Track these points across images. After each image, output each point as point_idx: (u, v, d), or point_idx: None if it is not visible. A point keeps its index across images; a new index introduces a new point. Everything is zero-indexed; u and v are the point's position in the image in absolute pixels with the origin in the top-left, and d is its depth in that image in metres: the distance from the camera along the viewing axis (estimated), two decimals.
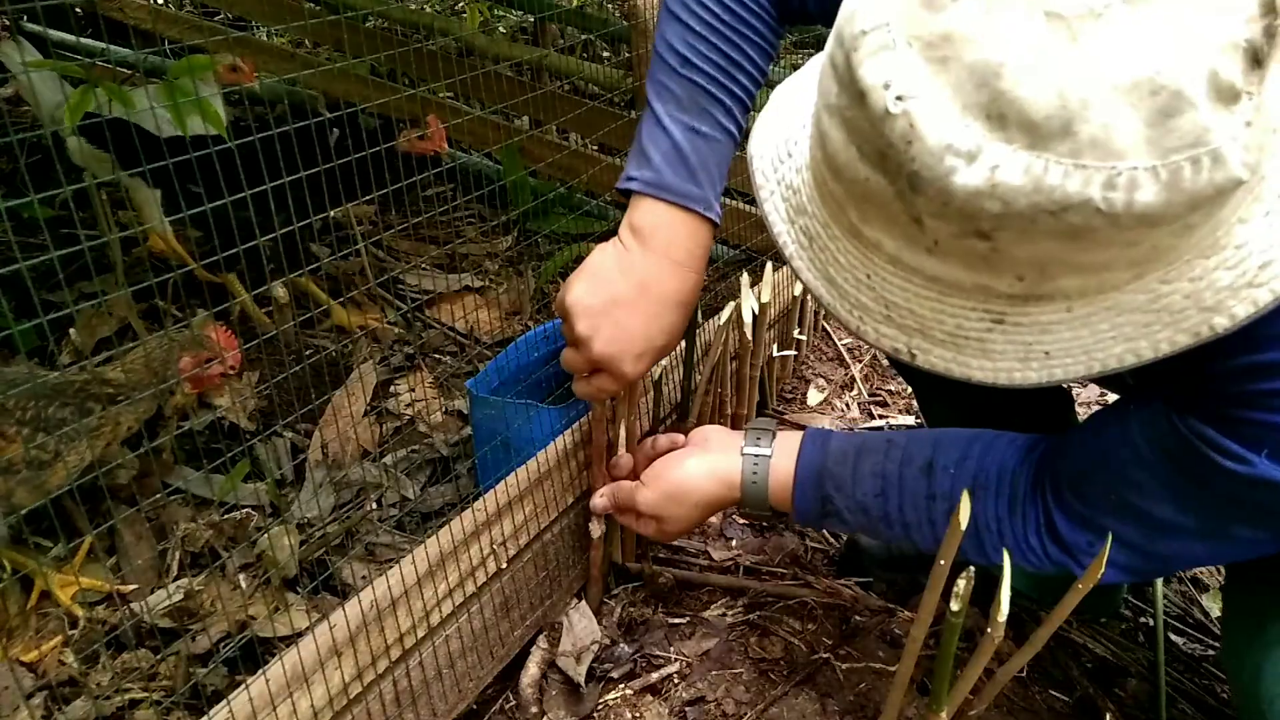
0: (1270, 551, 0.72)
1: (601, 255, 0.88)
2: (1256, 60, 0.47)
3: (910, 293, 0.58)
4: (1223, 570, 1.47)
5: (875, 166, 0.53)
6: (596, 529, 1.09)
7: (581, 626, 1.10)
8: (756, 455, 0.92)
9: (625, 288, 0.86)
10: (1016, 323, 0.55)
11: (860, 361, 1.84)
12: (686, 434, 1.01)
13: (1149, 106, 0.46)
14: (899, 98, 0.50)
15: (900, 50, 0.50)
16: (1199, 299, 0.53)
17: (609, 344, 0.86)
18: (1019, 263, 0.52)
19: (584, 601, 1.14)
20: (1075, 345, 0.55)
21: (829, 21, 0.64)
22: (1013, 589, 0.70)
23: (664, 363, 1.17)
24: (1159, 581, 1.31)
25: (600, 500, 1.04)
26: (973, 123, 0.49)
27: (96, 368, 1.19)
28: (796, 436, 0.93)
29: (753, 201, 2.26)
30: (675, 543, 1.27)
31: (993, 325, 0.56)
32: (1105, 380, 0.98)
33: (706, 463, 0.94)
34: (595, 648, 1.08)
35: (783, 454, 0.92)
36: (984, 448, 0.86)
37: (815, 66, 0.67)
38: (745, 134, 0.87)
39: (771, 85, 0.79)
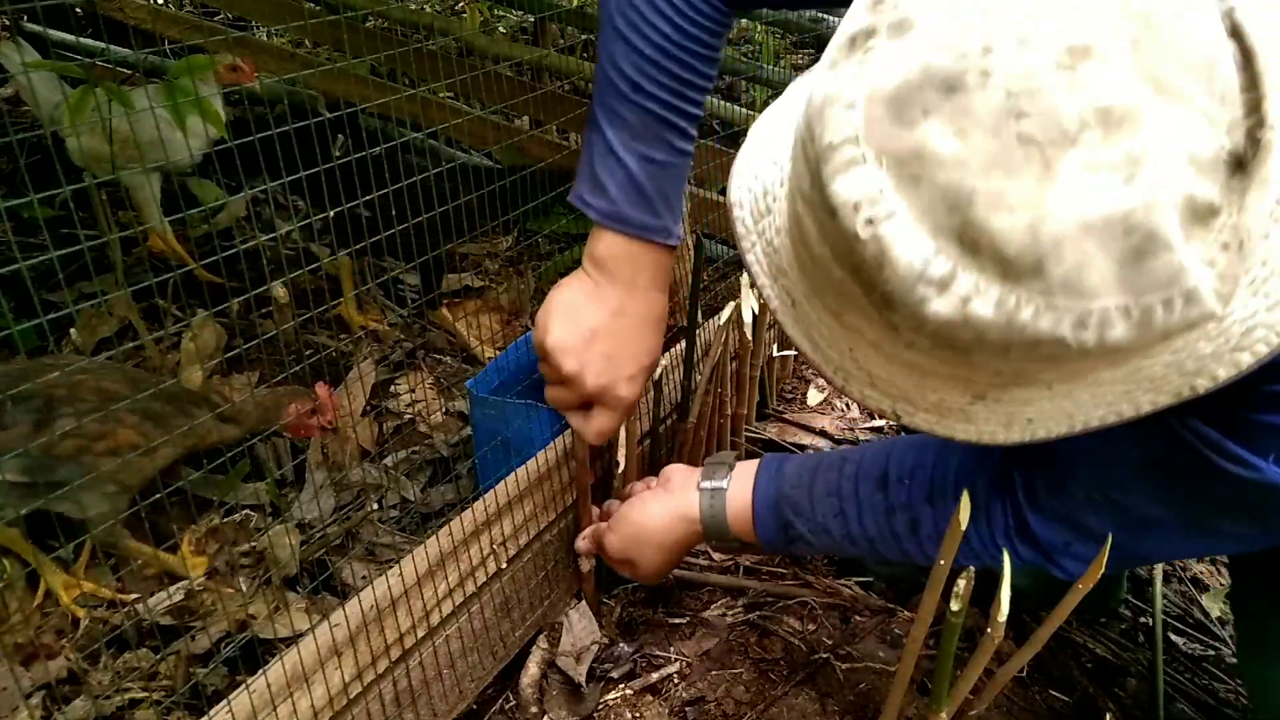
0: (1256, 547, 0.72)
1: (568, 291, 0.89)
2: (1240, 165, 0.45)
3: (893, 370, 0.57)
4: (1224, 572, 1.47)
5: (850, 274, 0.52)
6: (586, 565, 1.11)
7: (581, 627, 1.10)
8: (712, 489, 0.94)
9: (601, 317, 0.87)
10: (997, 399, 0.55)
11: None
12: (687, 431, 1.02)
13: (1122, 247, 0.44)
14: (869, 220, 0.48)
15: (870, 167, 0.48)
16: (1180, 367, 0.52)
17: (601, 374, 0.87)
18: (997, 370, 0.52)
19: (584, 601, 1.14)
20: (1058, 412, 0.55)
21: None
22: (1013, 589, 0.70)
23: (664, 362, 1.17)
24: (1159, 582, 1.31)
25: (583, 544, 1.07)
26: (945, 248, 0.47)
27: (217, 386, 1.29)
28: (753, 466, 0.95)
29: None
30: None
31: (974, 400, 0.56)
32: None
33: (667, 503, 0.97)
34: (595, 648, 1.08)
35: (739, 485, 0.94)
36: (937, 455, 0.86)
37: (795, 96, 0.64)
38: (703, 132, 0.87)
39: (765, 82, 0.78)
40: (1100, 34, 0.44)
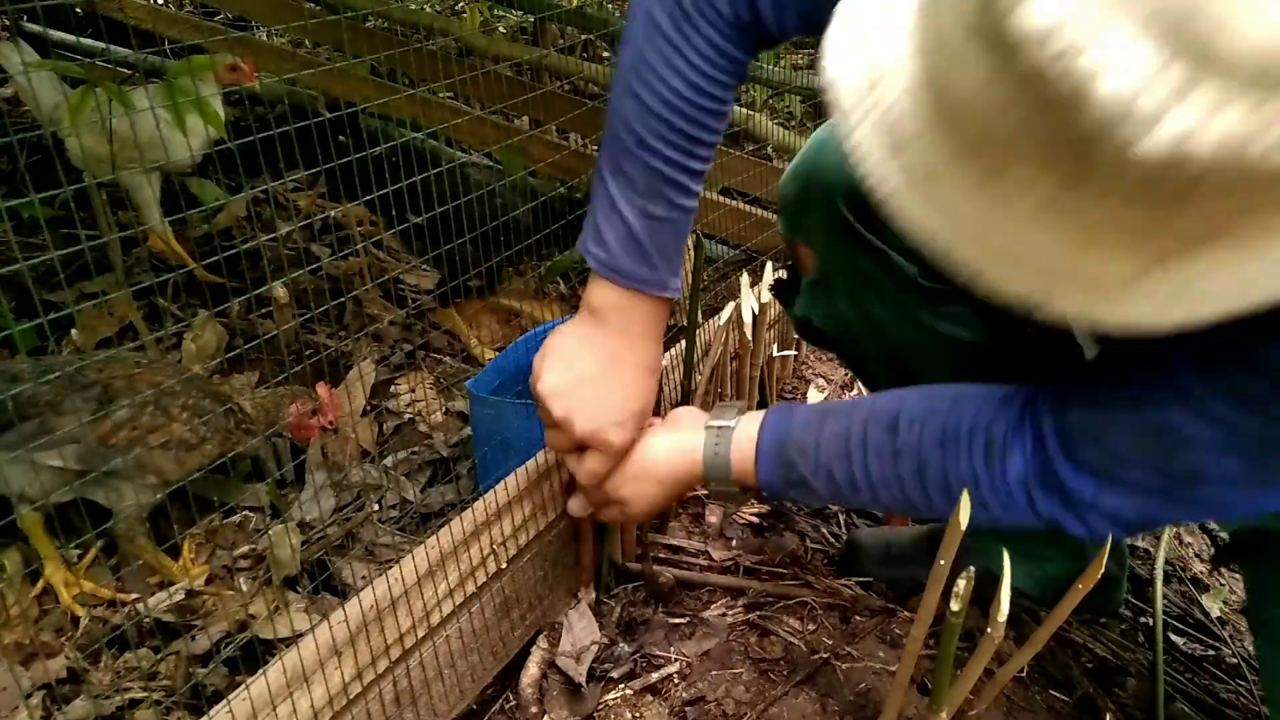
0: None
1: (564, 337, 0.91)
2: None
3: (1057, 235, 0.48)
4: (1224, 572, 1.47)
5: (1037, 113, 0.44)
6: (577, 507, 1.09)
7: (581, 627, 1.10)
8: (720, 427, 0.90)
9: (591, 364, 0.88)
10: (1180, 263, 0.47)
11: None
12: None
13: None
14: (1068, 49, 0.40)
15: None
16: None
17: (589, 420, 0.88)
18: (1208, 215, 0.44)
19: (583, 602, 1.14)
20: (1239, 280, 0.47)
21: (815, 32, 0.56)
22: (1014, 588, 0.70)
23: (664, 363, 1.17)
24: (1159, 582, 1.31)
25: (575, 504, 1.04)
26: (1166, 70, 0.39)
27: (237, 401, 1.29)
28: (763, 411, 0.91)
29: (753, 201, 2.27)
30: (675, 542, 1.27)
31: (1148, 268, 0.47)
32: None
33: (671, 439, 0.93)
34: (595, 648, 1.08)
35: (747, 426, 0.90)
36: (953, 401, 0.81)
37: None
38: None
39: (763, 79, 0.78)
40: None
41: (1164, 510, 0.72)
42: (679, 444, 0.92)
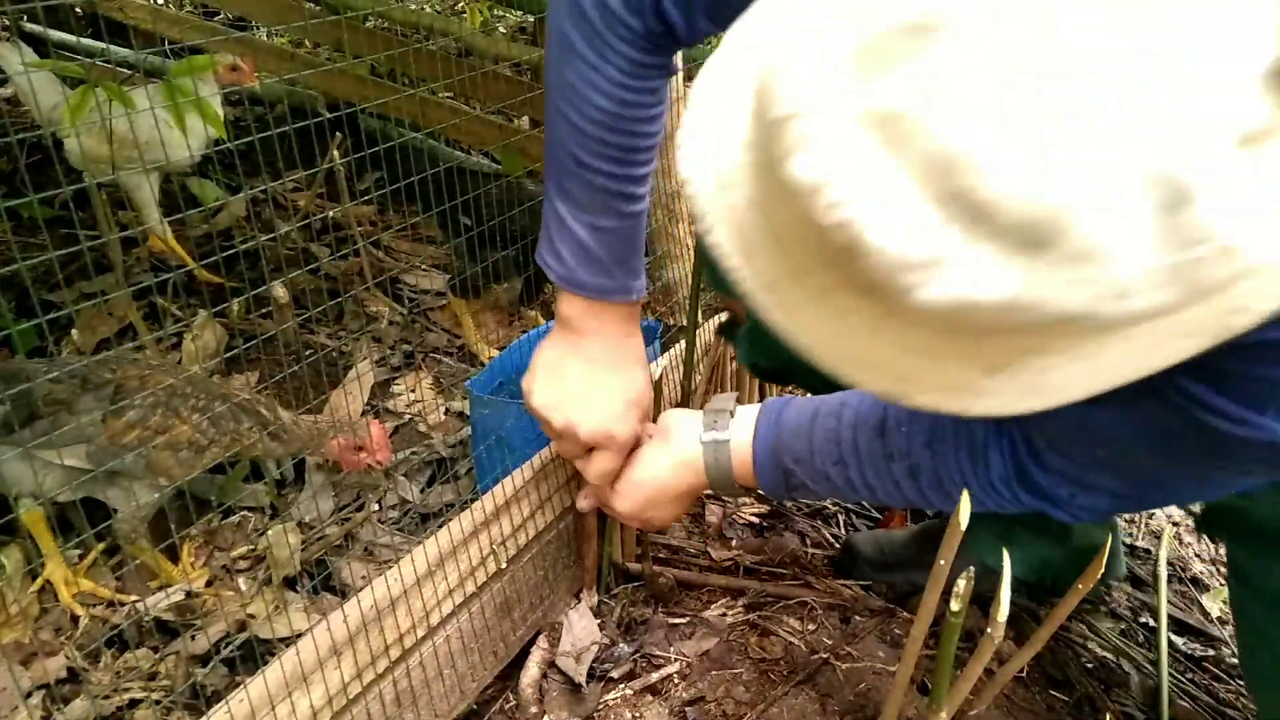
0: (1269, 479, 0.70)
1: (545, 352, 0.93)
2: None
3: (895, 354, 0.49)
4: (1224, 572, 1.47)
5: (828, 264, 0.45)
6: (584, 504, 1.09)
7: (581, 627, 1.10)
8: (715, 441, 0.91)
9: (577, 369, 0.91)
10: (1016, 372, 0.48)
11: None
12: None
13: (1152, 201, 0.38)
14: (836, 204, 0.40)
15: (834, 139, 0.40)
16: (1224, 306, 0.45)
17: (591, 420, 0.90)
18: (1017, 346, 0.46)
19: (583, 602, 1.14)
20: (1082, 374, 0.49)
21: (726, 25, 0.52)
22: (1011, 574, 0.70)
23: (664, 362, 1.17)
24: (1164, 586, 1.31)
25: (584, 502, 1.05)
26: (939, 222, 0.39)
27: (286, 423, 1.29)
28: (754, 413, 0.92)
29: None
30: (675, 543, 1.27)
31: (989, 374, 0.49)
32: None
33: (669, 455, 0.94)
34: (595, 648, 1.08)
35: (740, 434, 0.91)
36: None
37: (744, 36, 0.52)
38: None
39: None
40: None
41: (1136, 505, 0.77)
42: (678, 460, 0.94)
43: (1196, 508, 1.37)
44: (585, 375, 0.91)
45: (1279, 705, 0.88)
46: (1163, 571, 1.33)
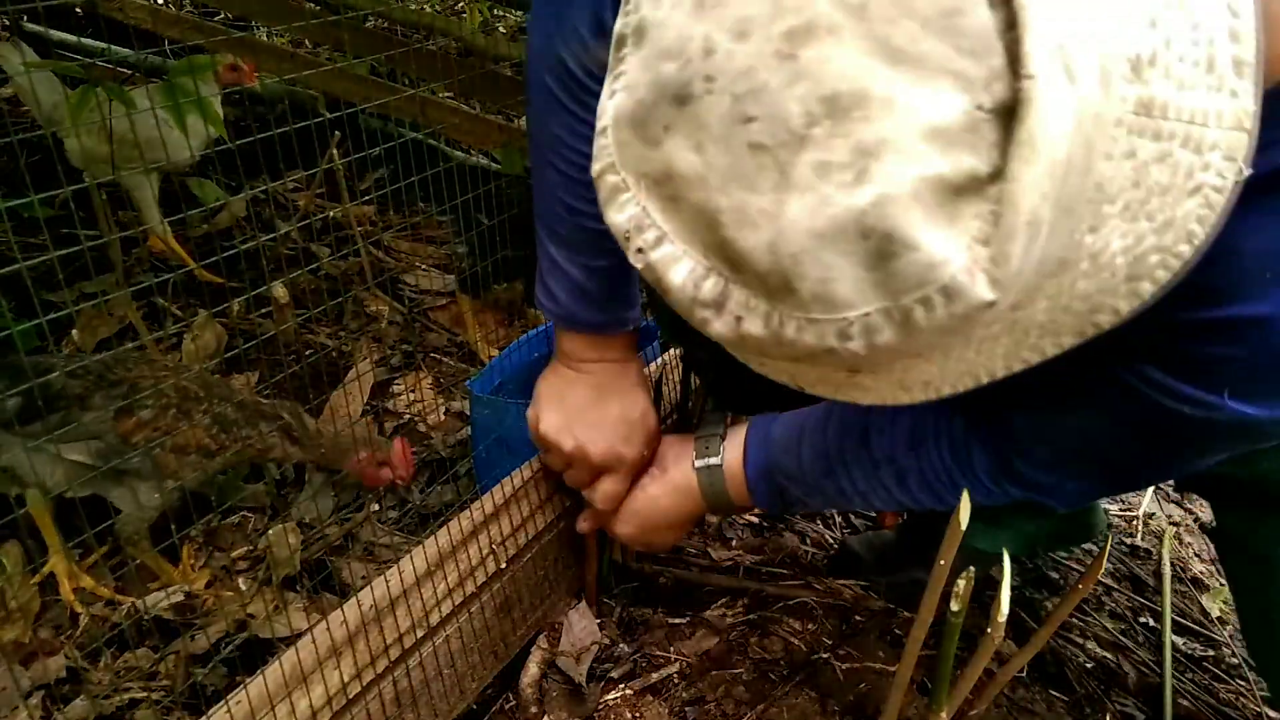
0: (1251, 447, 0.71)
1: (548, 383, 0.97)
2: (1010, 114, 0.38)
3: (765, 361, 0.55)
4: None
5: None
6: (585, 526, 1.10)
7: (581, 627, 1.10)
8: (708, 466, 0.94)
9: (582, 396, 0.94)
10: (874, 374, 0.51)
11: None
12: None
13: (862, 253, 0.40)
14: (640, 249, 0.46)
15: (632, 193, 0.46)
16: (1068, 309, 0.48)
17: (599, 444, 0.93)
18: (838, 366, 0.49)
19: (584, 602, 1.14)
20: (952, 373, 0.51)
21: None
22: (997, 551, 0.72)
23: (664, 361, 1.17)
24: (1167, 590, 1.31)
25: (585, 524, 1.07)
26: (710, 268, 0.45)
27: (315, 431, 1.28)
28: (742, 434, 0.94)
29: None
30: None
31: (852, 374, 0.52)
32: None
33: (666, 485, 0.97)
34: (595, 648, 1.08)
35: (732, 456, 0.94)
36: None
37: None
38: None
39: None
40: (821, 7, 0.38)
41: (1118, 489, 0.79)
42: (674, 488, 0.96)
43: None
44: (590, 401, 0.94)
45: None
46: (1166, 570, 1.33)
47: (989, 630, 0.68)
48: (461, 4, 3.45)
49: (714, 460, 0.94)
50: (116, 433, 1.13)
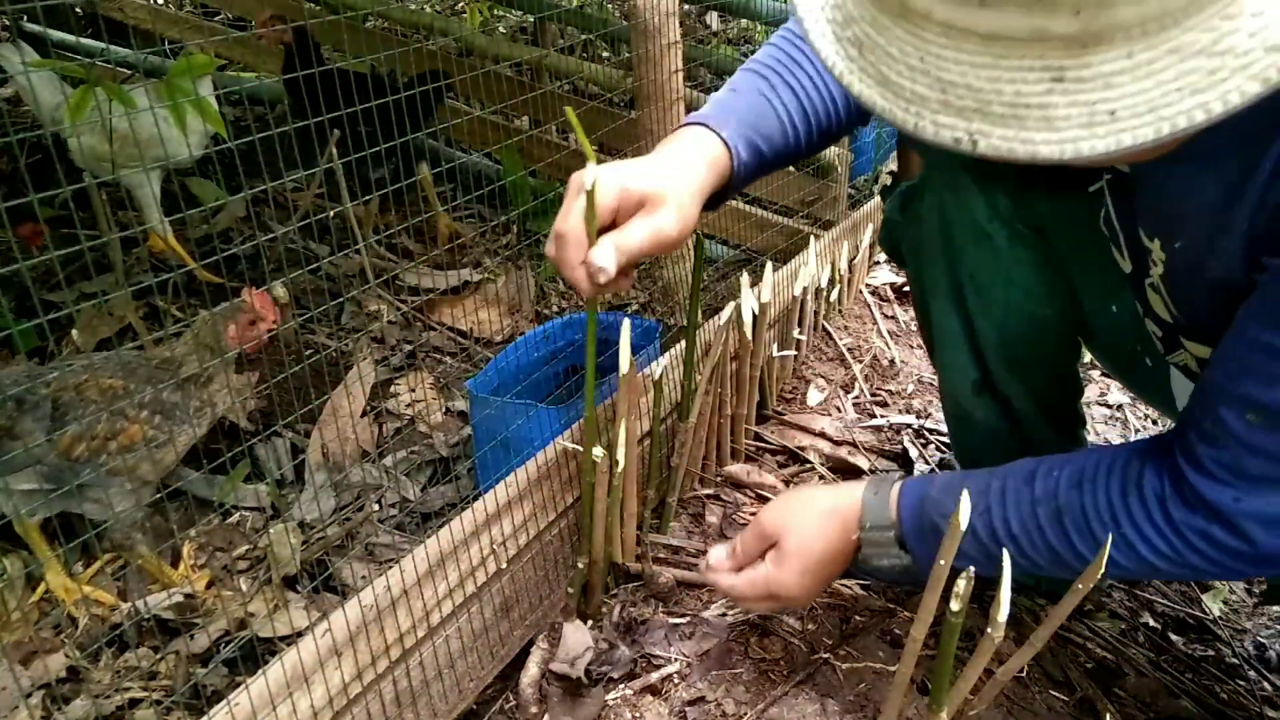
0: None
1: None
2: None
3: (965, 64, 0.54)
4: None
5: None
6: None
7: (575, 639, 1.10)
8: (876, 486, 0.92)
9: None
10: (1078, 78, 0.51)
11: (861, 362, 1.84)
12: (687, 431, 1.00)
13: None
14: None
15: None
16: (1264, 39, 0.48)
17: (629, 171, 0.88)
18: (1075, 8, 0.49)
19: (576, 619, 1.13)
20: (1141, 101, 0.51)
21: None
22: (1013, 579, 0.70)
23: (664, 362, 1.17)
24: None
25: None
26: None
27: (164, 355, 1.25)
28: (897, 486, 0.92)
29: (753, 201, 2.27)
30: (675, 543, 1.27)
31: (1053, 85, 0.52)
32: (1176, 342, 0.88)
33: (818, 507, 0.93)
34: (590, 653, 1.08)
35: (894, 490, 0.91)
36: (1089, 450, 0.84)
37: None
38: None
39: None
40: None
41: None
42: (834, 505, 0.93)
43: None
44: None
45: None
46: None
47: (989, 630, 0.68)
48: (461, 4, 3.45)
49: (883, 485, 0.91)
50: (56, 452, 1.11)
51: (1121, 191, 0.81)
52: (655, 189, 0.83)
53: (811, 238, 1.78)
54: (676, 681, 1.05)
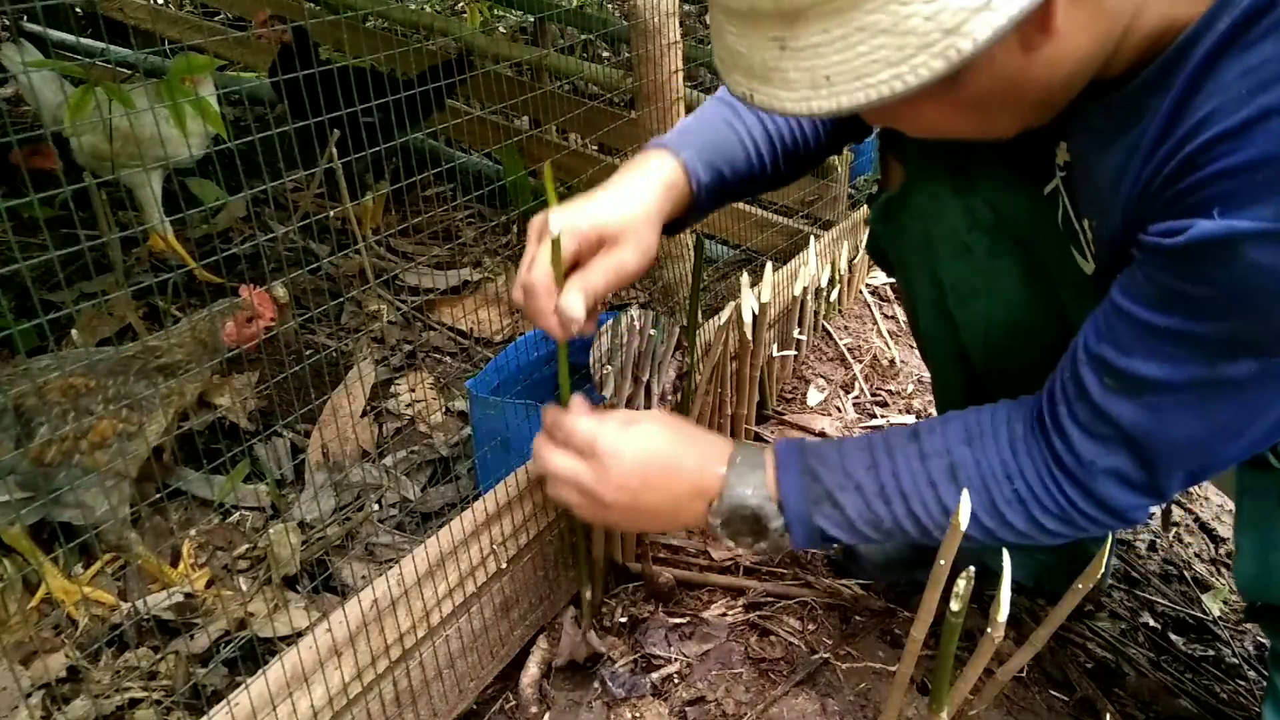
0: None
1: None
2: None
3: (733, 37, 0.64)
4: (1224, 572, 1.47)
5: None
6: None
7: (578, 641, 1.10)
8: (744, 445, 0.87)
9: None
10: (795, 48, 0.60)
11: (861, 362, 1.84)
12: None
13: None
14: None
15: None
16: (940, 22, 0.55)
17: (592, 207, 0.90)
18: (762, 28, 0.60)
19: (579, 620, 1.13)
20: (847, 70, 0.59)
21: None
22: (1012, 581, 0.69)
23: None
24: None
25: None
26: None
27: (150, 343, 1.23)
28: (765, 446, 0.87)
29: (752, 201, 2.27)
30: (675, 542, 1.27)
31: (781, 53, 0.61)
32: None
33: (679, 429, 0.87)
34: (596, 655, 1.08)
35: (762, 454, 0.86)
36: (966, 411, 0.83)
37: None
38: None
39: None
40: None
41: (1158, 463, 0.72)
42: (693, 439, 0.86)
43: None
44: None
45: None
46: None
47: (989, 630, 0.69)
48: (461, 4, 3.45)
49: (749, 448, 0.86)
50: (28, 460, 1.09)
51: (1069, 188, 0.82)
52: (613, 225, 0.85)
53: (811, 238, 1.78)
54: (676, 681, 1.05)
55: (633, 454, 0.83)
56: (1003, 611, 0.67)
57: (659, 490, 0.84)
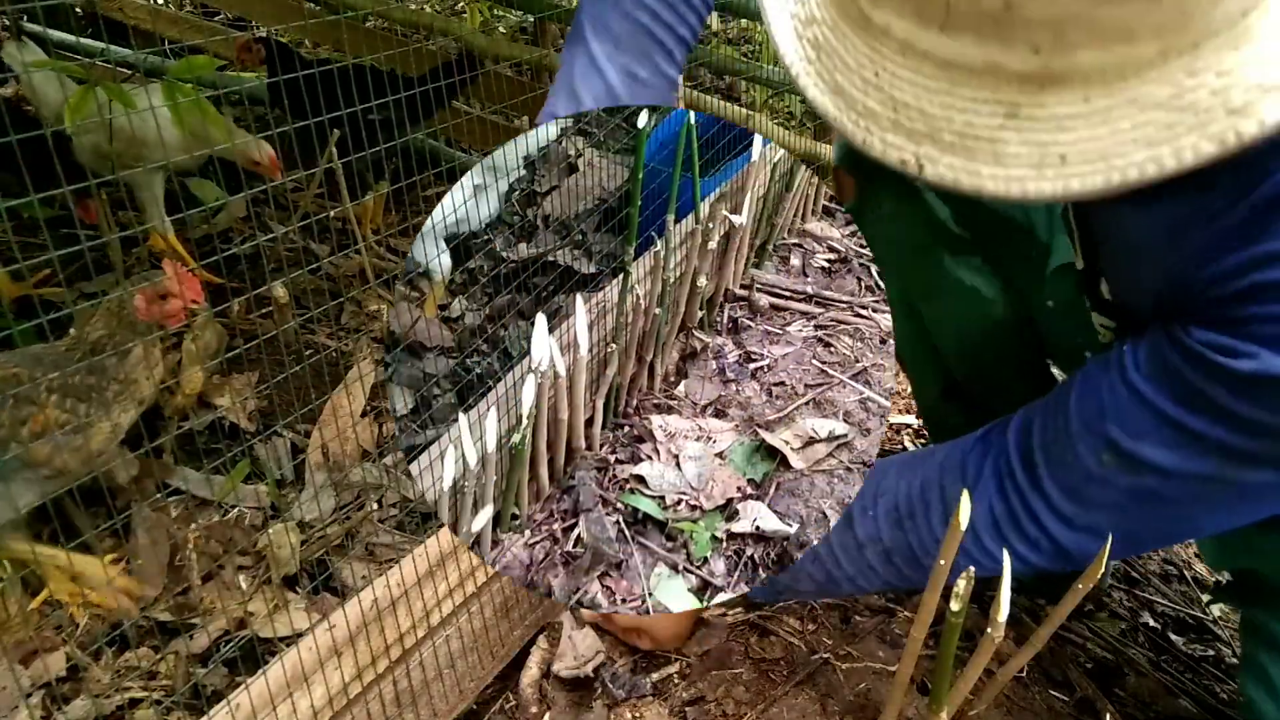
0: None
1: None
2: None
3: (919, 87, 0.52)
4: (1224, 572, 1.47)
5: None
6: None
7: (586, 645, 1.09)
8: None
9: None
10: (1031, 116, 0.50)
11: None
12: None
13: None
14: None
15: None
16: (1226, 99, 0.47)
17: None
18: (1034, 26, 0.47)
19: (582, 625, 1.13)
20: (1093, 149, 0.49)
21: None
22: (1012, 578, 0.69)
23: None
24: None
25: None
26: None
27: (70, 334, 1.18)
28: None
29: None
30: None
31: (1005, 120, 0.50)
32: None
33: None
34: (599, 656, 1.08)
35: None
36: (897, 476, 0.83)
37: None
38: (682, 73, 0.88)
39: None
40: None
41: (1130, 528, 0.71)
42: None
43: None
44: None
45: None
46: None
47: (989, 630, 0.68)
48: (461, 4, 3.45)
49: None
50: None
51: None
52: None
53: None
54: (676, 681, 1.05)
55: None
56: (1003, 611, 0.67)
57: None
